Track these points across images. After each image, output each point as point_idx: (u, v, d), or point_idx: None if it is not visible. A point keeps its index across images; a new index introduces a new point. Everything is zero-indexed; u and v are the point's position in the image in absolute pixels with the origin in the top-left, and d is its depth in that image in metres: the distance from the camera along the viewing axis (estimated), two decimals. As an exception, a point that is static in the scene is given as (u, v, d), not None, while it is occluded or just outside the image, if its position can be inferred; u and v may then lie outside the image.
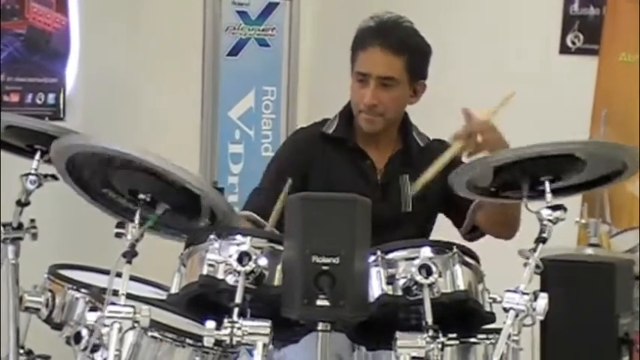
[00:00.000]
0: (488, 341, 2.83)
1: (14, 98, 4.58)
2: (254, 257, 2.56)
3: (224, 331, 2.50)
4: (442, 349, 2.57)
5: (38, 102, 4.64)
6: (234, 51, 5.24)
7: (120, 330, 2.59)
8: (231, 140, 5.28)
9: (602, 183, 2.86)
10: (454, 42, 4.84)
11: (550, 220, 2.66)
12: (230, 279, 2.58)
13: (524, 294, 2.61)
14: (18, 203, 3.23)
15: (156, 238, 2.83)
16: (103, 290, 2.72)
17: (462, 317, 2.73)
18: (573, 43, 4.91)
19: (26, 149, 3.26)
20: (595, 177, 2.82)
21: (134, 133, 4.60)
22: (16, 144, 3.28)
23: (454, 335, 2.75)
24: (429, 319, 2.57)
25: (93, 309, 2.75)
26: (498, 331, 2.64)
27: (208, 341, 2.52)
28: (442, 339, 2.57)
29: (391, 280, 2.64)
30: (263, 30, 5.31)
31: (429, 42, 3.29)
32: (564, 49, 4.93)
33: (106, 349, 2.59)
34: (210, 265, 2.61)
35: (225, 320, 2.51)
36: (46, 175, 3.18)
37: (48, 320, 3.12)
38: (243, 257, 2.56)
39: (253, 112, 5.33)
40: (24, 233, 3.25)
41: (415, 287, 2.60)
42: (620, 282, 3.78)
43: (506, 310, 2.62)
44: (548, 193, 2.70)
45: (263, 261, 2.57)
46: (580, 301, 3.71)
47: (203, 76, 5.17)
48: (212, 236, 2.66)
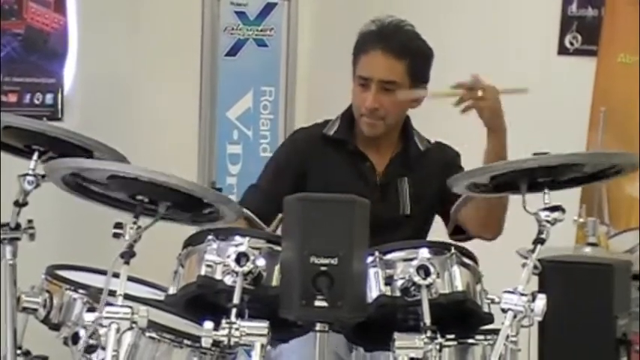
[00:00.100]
0: (486, 342, 2.83)
1: (12, 98, 4.57)
2: (252, 258, 2.57)
3: (222, 332, 2.50)
4: (440, 350, 2.57)
5: (36, 102, 4.63)
6: (232, 51, 5.22)
7: (118, 330, 2.59)
8: (229, 141, 5.26)
9: (600, 178, 2.86)
10: (453, 43, 4.82)
11: (548, 221, 2.67)
12: (228, 279, 2.58)
13: (522, 295, 2.61)
14: (16, 204, 3.22)
15: (154, 239, 2.82)
16: (101, 291, 2.72)
17: (460, 318, 2.73)
18: (572, 44, 4.90)
19: (24, 150, 3.25)
20: (594, 171, 2.82)
21: (132, 134, 4.59)
22: (14, 144, 3.27)
23: (452, 336, 2.74)
24: (427, 320, 2.57)
25: (91, 309, 2.76)
26: (496, 332, 2.65)
27: (206, 342, 2.52)
28: (440, 340, 2.57)
29: (389, 281, 2.65)
30: (261, 30, 5.29)
31: (429, 43, 3.29)
32: (563, 50, 4.91)
33: (104, 350, 2.59)
34: (208, 266, 2.61)
35: (223, 321, 2.51)
36: (44, 176, 3.17)
37: (45, 321, 3.12)
38: (241, 258, 2.56)
39: (251, 113, 5.31)
40: (21, 234, 3.24)
41: (413, 288, 2.61)
42: (618, 283, 3.76)
43: (504, 311, 2.63)
44: (546, 195, 2.70)
45: (261, 262, 2.57)
46: (578, 302, 3.69)
47: (201, 77, 5.15)
48: (210, 237, 2.67)
